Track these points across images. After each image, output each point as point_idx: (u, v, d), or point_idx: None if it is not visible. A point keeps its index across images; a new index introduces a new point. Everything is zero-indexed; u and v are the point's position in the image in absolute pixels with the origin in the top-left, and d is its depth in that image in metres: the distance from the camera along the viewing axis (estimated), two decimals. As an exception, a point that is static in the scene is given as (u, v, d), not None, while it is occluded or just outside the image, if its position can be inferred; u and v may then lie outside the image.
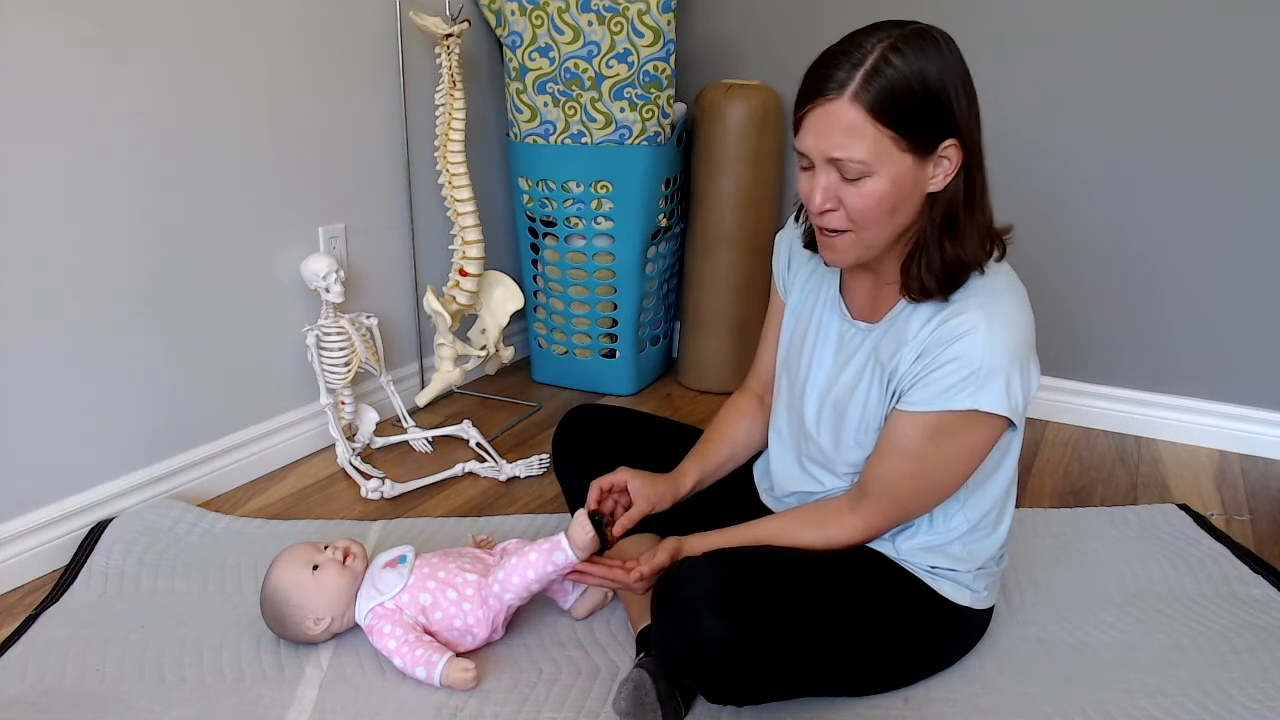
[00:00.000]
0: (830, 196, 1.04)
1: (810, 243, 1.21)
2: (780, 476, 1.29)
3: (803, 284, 1.27)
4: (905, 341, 1.09)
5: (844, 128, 0.99)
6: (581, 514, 1.19)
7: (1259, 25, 1.91)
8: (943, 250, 1.06)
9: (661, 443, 1.42)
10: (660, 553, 1.18)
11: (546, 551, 1.21)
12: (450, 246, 2.08)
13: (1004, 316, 1.05)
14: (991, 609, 1.29)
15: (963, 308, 1.06)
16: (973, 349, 1.03)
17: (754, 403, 1.39)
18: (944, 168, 1.03)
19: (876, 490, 1.14)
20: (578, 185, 2.26)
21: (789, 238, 1.30)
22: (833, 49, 1.02)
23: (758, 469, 1.40)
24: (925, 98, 0.99)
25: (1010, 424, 1.09)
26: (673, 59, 2.16)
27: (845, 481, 1.21)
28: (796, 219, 1.27)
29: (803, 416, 1.22)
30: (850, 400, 1.16)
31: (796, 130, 1.04)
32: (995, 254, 1.09)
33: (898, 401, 1.10)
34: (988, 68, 2.15)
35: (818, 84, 1.01)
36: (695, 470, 1.33)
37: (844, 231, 1.06)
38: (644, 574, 1.17)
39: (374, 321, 1.96)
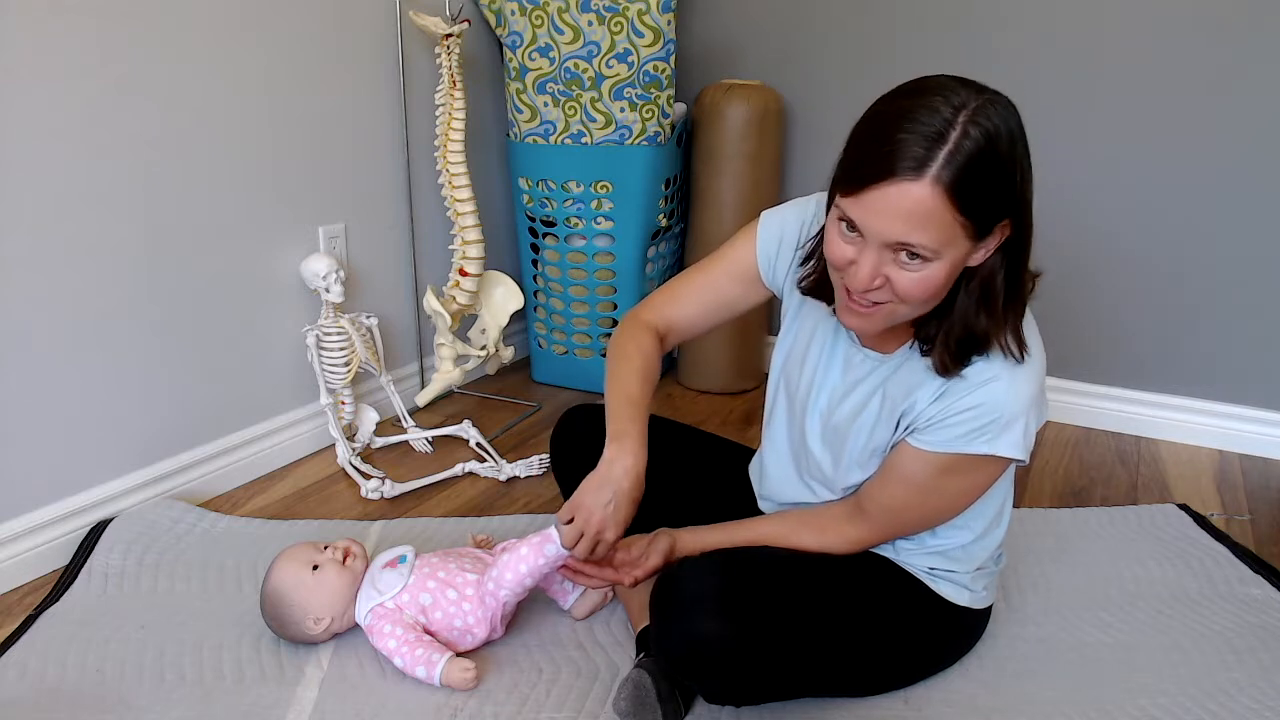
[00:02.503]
0: (879, 274, 0.95)
1: (811, 291, 1.12)
2: (777, 487, 1.29)
3: (803, 298, 1.19)
4: (920, 384, 1.06)
5: (920, 213, 0.89)
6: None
7: (1262, 25, 1.91)
8: (973, 323, 1.00)
9: (658, 443, 1.41)
10: (653, 554, 1.18)
11: (537, 545, 1.21)
12: (450, 246, 2.08)
13: (1025, 362, 1.03)
14: (990, 608, 1.29)
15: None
16: (995, 396, 1.02)
17: (653, 340, 1.26)
18: (989, 244, 0.96)
19: (876, 512, 1.14)
20: (578, 185, 2.26)
21: (795, 233, 1.19)
22: (905, 111, 0.89)
23: (753, 471, 1.40)
24: (1000, 179, 0.91)
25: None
26: (673, 59, 2.16)
27: (842, 498, 1.21)
28: (804, 262, 1.14)
29: (804, 434, 1.21)
30: (853, 425, 1.14)
31: (850, 193, 0.92)
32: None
33: (908, 434, 1.09)
34: (987, 69, 2.15)
35: (892, 159, 0.88)
36: (642, 421, 1.19)
37: (881, 304, 0.99)
38: (638, 578, 1.18)
39: (374, 321, 1.96)
